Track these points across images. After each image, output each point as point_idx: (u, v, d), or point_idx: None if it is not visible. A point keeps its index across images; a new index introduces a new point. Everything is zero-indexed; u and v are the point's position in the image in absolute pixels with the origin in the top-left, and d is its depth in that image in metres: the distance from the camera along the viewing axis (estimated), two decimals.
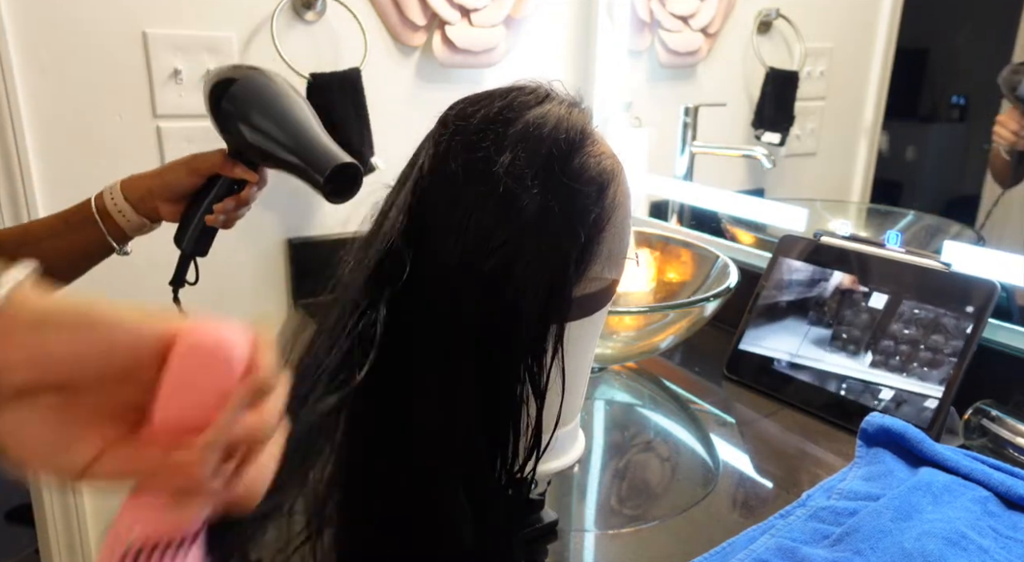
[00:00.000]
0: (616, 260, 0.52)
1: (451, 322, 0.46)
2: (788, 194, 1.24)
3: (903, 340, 0.80)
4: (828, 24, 1.26)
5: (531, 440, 0.48)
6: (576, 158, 0.47)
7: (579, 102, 0.51)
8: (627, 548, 0.62)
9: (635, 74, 1.37)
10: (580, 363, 0.54)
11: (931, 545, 0.51)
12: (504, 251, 0.45)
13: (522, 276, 0.45)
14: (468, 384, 0.46)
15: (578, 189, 0.47)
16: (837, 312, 0.86)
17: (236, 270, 1.17)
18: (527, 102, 0.48)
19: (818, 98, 1.27)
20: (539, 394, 0.47)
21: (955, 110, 1.09)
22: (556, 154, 0.47)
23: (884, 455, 0.67)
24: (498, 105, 0.48)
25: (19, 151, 0.98)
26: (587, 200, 0.48)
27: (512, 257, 0.45)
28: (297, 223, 1.19)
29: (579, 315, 0.51)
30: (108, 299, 0.27)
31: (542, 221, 0.45)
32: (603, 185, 0.49)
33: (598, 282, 0.51)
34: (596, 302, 0.52)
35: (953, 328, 0.77)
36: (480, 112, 0.48)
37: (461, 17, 1.20)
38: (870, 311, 0.83)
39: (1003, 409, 0.73)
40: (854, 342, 0.83)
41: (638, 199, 1.38)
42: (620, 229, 0.51)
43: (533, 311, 0.46)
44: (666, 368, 0.99)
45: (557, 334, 0.47)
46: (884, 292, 0.83)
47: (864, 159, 1.19)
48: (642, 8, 1.32)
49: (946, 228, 1.04)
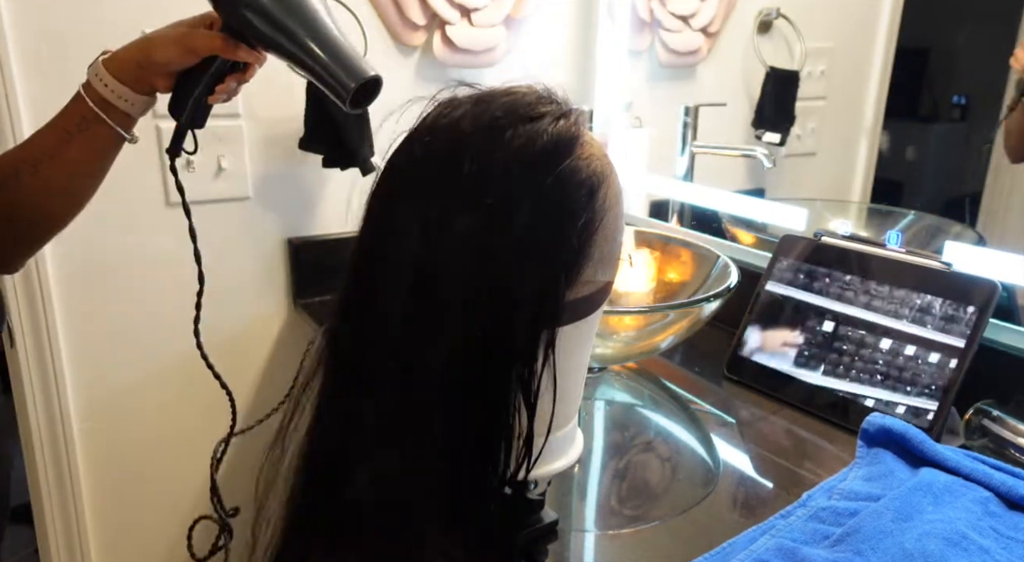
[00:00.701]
0: (609, 262, 0.52)
1: (442, 331, 0.45)
2: (788, 194, 1.24)
3: (902, 340, 0.80)
4: (828, 24, 1.26)
5: (523, 447, 0.47)
6: (565, 163, 0.47)
7: (570, 109, 0.50)
8: (627, 548, 0.62)
9: (635, 74, 1.37)
10: (575, 366, 0.54)
11: (932, 545, 0.51)
12: (494, 260, 0.45)
13: (513, 284, 0.45)
14: (459, 393, 0.45)
15: (567, 194, 0.47)
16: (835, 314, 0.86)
17: (236, 270, 1.17)
18: (520, 113, 0.47)
19: (818, 98, 1.27)
20: (530, 403, 0.47)
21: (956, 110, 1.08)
22: (546, 162, 0.46)
23: (885, 455, 0.67)
24: (488, 116, 0.47)
25: None
26: (576, 205, 0.47)
27: (502, 266, 0.45)
28: (297, 223, 1.19)
29: (572, 319, 0.50)
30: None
31: (531, 229, 0.45)
32: (593, 188, 0.48)
33: (591, 285, 0.51)
34: (589, 305, 0.52)
35: (954, 328, 0.76)
36: (464, 121, 0.47)
37: (461, 17, 1.20)
38: (869, 312, 0.83)
39: (1004, 409, 0.72)
40: (853, 343, 0.83)
41: (638, 199, 1.38)
42: (612, 231, 0.50)
43: (525, 318, 0.46)
44: (666, 368, 0.99)
45: (548, 340, 0.47)
46: (884, 292, 0.83)
47: (864, 159, 1.19)
48: (642, 8, 1.32)
49: (947, 228, 1.04)
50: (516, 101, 0.48)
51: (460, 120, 0.47)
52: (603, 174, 0.49)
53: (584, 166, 0.47)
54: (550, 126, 0.47)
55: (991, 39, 0.98)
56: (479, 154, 0.45)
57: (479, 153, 0.46)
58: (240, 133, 1.12)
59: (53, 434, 1.09)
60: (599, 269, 0.50)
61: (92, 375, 1.10)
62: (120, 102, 0.66)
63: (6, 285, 1.02)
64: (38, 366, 1.06)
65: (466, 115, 0.47)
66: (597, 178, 0.48)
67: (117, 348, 1.11)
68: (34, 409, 1.07)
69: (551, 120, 0.48)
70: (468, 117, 0.47)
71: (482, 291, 0.45)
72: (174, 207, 1.10)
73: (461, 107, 0.48)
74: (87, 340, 1.09)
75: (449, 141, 0.47)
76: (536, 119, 0.47)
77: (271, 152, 1.15)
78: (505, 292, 0.45)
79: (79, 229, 1.05)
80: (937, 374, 0.76)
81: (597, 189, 0.48)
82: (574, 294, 0.49)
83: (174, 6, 1.04)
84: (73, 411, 1.10)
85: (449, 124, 0.47)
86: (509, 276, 0.45)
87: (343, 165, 1.12)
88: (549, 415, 0.49)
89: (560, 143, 0.47)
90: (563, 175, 0.46)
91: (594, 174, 0.48)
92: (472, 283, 0.45)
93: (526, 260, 0.45)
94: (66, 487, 1.11)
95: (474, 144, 0.46)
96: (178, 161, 0.71)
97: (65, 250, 1.05)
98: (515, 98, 0.49)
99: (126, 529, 1.17)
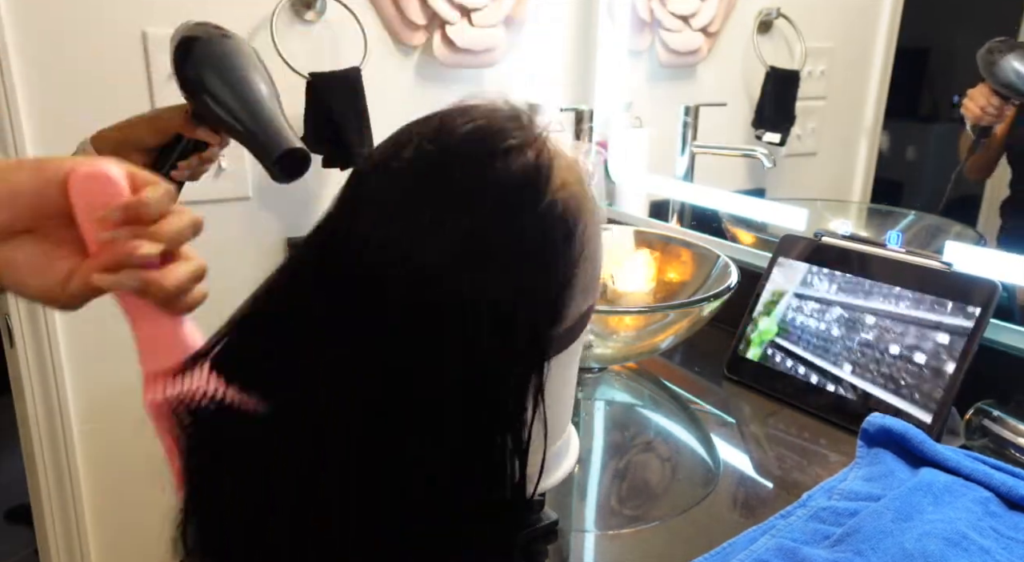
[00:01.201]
0: (591, 288, 0.48)
1: (411, 393, 0.42)
2: (788, 194, 1.23)
3: (903, 341, 0.80)
4: (829, 24, 1.26)
5: (515, 491, 0.44)
6: (540, 205, 0.42)
7: (533, 134, 0.44)
8: (627, 548, 0.62)
9: (635, 74, 1.37)
10: (564, 387, 0.52)
11: (932, 546, 0.51)
12: (471, 320, 0.41)
13: (498, 343, 0.42)
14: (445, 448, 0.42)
15: (544, 240, 0.42)
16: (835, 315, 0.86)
17: (236, 270, 1.17)
18: (479, 157, 0.43)
19: (819, 98, 1.27)
20: (520, 450, 0.43)
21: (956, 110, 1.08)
22: (515, 212, 0.42)
23: (885, 455, 0.67)
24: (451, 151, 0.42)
25: (18, 151, 0.98)
26: (555, 246, 0.43)
27: (483, 326, 0.41)
28: (297, 223, 1.19)
29: (556, 352, 0.48)
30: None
31: (510, 282, 0.41)
32: (571, 226, 0.44)
33: (573, 316, 0.47)
34: (572, 334, 0.49)
35: (954, 328, 0.76)
36: (418, 172, 0.43)
37: (461, 17, 1.20)
38: (868, 312, 0.83)
39: (1004, 409, 0.72)
40: (852, 344, 0.83)
41: (638, 199, 1.38)
42: (592, 261, 0.47)
43: (513, 369, 0.43)
44: (666, 368, 0.99)
45: (536, 384, 0.44)
46: (884, 292, 0.83)
47: (865, 159, 1.19)
48: (642, 8, 1.32)
49: (947, 228, 1.03)
50: (474, 148, 0.43)
51: (409, 170, 0.43)
52: (579, 207, 0.45)
53: (559, 203, 0.43)
54: (515, 164, 0.42)
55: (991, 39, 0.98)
56: (433, 225, 0.41)
57: (433, 224, 0.41)
58: None
59: (53, 435, 1.09)
60: (582, 300, 0.47)
61: (92, 376, 1.10)
62: None
63: None
64: (38, 366, 1.06)
65: (420, 167, 0.43)
66: (573, 215, 0.44)
67: (117, 348, 1.11)
68: (34, 410, 1.07)
69: (515, 156, 0.42)
70: (421, 168, 0.43)
71: (463, 355, 0.41)
72: None
73: (409, 147, 0.43)
74: (87, 341, 1.08)
75: (404, 201, 0.42)
76: (499, 156, 0.42)
77: None
78: (490, 352, 0.42)
79: None
80: (937, 374, 0.76)
81: (575, 226, 0.44)
82: (559, 329, 0.46)
83: (173, 7, 1.04)
84: (73, 412, 1.10)
85: (400, 171, 0.43)
86: (493, 336, 0.41)
87: (343, 165, 1.12)
88: (541, 452, 0.47)
89: (528, 184, 0.42)
90: (537, 220, 0.42)
91: (569, 210, 0.44)
92: (451, 350, 0.41)
93: (512, 314, 0.42)
94: (66, 487, 1.11)
95: (432, 208, 0.41)
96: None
97: None
98: (473, 139, 0.43)
99: (126, 529, 1.17)
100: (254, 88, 0.74)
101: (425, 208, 0.41)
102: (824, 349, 0.85)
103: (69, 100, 1.00)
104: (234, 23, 1.07)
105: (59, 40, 0.98)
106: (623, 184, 1.37)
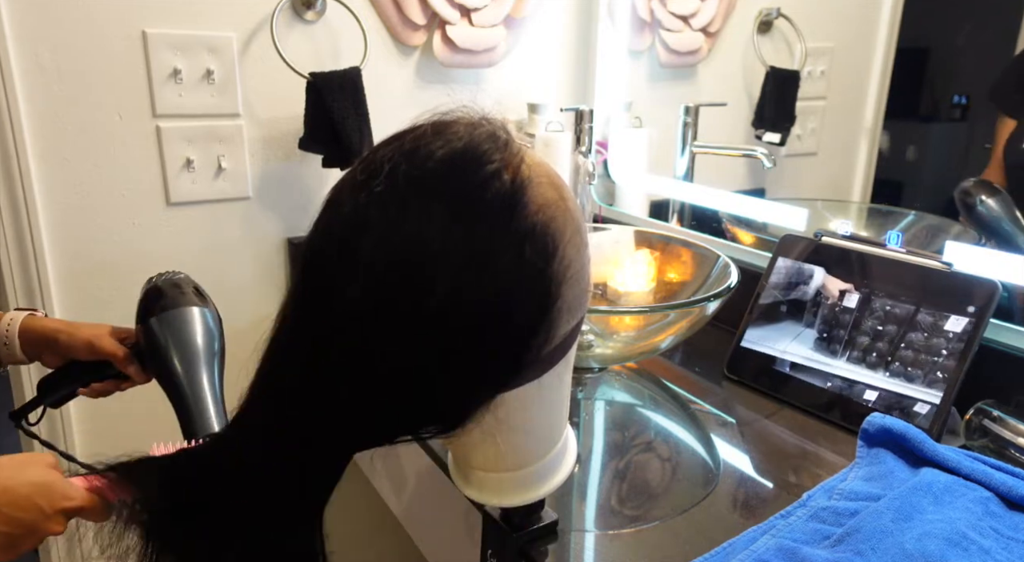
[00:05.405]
0: (579, 303, 0.47)
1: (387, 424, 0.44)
2: (788, 194, 1.23)
3: (903, 341, 0.80)
4: (829, 24, 1.26)
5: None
6: (511, 239, 0.41)
7: (514, 153, 0.43)
8: (627, 548, 0.62)
9: (635, 74, 1.37)
10: (559, 393, 0.52)
11: (932, 546, 0.51)
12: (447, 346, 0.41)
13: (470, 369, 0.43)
14: None
15: (524, 265, 0.42)
16: (834, 315, 0.86)
17: (236, 270, 1.17)
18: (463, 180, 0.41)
19: (819, 98, 1.27)
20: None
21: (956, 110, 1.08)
22: (492, 246, 0.41)
23: (885, 455, 0.67)
24: (421, 208, 0.40)
25: (18, 150, 0.98)
26: (536, 271, 0.42)
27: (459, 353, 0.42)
28: (297, 223, 1.19)
29: (546, 369, 0.47)
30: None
31: (490, 318, 0.41)
32: (548, 255, 0.42)
33: (560, 335, 0.47)
34: (564, 347, 0.48)
35: (954, 328, 0.76)
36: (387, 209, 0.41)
37: (461, 17, 1.20)
38: (868, 313, 0.83)
39: (1004, 409, 0.72)
40: (851, 344, 0.83)
41: (638, 199, 1.38)
42: (577, 281, 0.45)
43: (505, 385, 0.44)
44: (666, 368, 0.99)
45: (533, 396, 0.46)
46: (884, 293, 0.83)
47: (865, 159, 1.19)
48: (642, 8, 1.32)
49: (947, 228, 1.03)
50: (451, 181, 0.41)
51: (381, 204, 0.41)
52: (560, 227, 0.43)
53: (537, 227, 0.42)
54: (490, 192, 0.41)
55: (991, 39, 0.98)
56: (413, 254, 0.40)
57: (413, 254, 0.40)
58: (240, 133, 1.12)
59: (53, 435, 1.09)
60: (570, 316, 0.46)
61: None
62: (1, 348, 0.73)
63: (6, 284, 1.02)
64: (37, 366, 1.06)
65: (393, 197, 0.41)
66: (553, 238, 0.43)
67: None
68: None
69: (493, 183, 0.41)
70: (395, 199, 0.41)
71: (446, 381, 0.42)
72: (174, 207, 1.10)
73: (379, 176, 0.41)
74: None
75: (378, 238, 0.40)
76: (476, 188, 0.41)
77: (271, 152, 1.16)
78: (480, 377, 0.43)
79: (79, 229, 1.05)
80: (937, 374, 0.76)
81: (555, 250, 0.43)
82: (548, 348, 0.46)
83: (173, 7, 1.04)
84: (73, 412, 1.10)
85: (374, 202, 0.41)
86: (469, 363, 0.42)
87: (343, 165, 1.12)
88: (542, 439, 0.48)
89: (504, 211, 0.41)
90: (515, 252, 0.41)
91: (549, 232, 0.43)
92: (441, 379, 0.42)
93: (491, 341, 0.42)
94: None
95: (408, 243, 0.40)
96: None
97: (65, 250, 1.05)
98: (449, 167, 0.41)
99: None
100: (204, 370, 0.72)
101: (400, 244, 0.40)
102: (824, 349, 0.85)
103: (68, 100, 1.00)
104: (234, 23, 1.08)
105: (59, 40, 0.98)
106: (623, 184, 1.37)
